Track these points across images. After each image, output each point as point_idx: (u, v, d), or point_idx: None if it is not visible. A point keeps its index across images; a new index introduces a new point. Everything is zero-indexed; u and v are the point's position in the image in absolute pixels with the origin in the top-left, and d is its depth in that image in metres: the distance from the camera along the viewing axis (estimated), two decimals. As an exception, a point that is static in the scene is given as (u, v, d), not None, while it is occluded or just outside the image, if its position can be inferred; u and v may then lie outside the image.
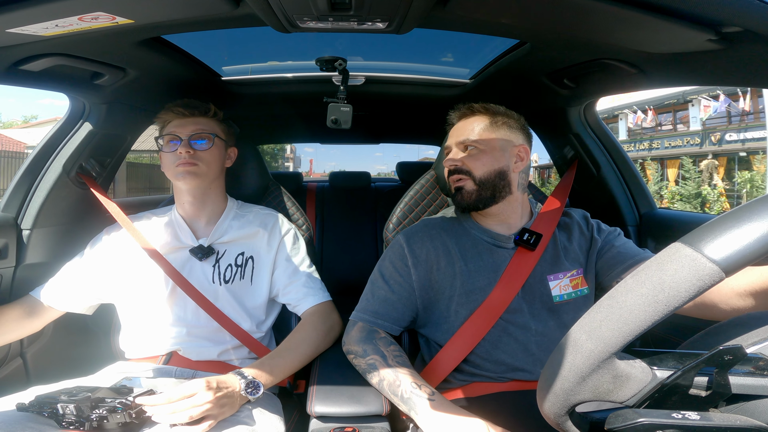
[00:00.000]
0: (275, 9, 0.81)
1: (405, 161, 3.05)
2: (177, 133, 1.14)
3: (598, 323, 0.43)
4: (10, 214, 1.20)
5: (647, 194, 1.59)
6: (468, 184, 1.07)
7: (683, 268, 0.39)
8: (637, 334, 0.41)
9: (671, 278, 0.40)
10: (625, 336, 0.41)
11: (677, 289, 0.39)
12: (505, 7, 0.86)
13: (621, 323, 0.41)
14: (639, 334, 0.41)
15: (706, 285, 0.39)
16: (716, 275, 0.38)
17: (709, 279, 0.38)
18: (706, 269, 0.38)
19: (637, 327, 0.41)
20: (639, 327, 0.41)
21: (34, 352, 1.24)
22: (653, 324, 0.41)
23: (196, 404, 0.81)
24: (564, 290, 1.05)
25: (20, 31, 0.81)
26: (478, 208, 1.08)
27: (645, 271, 0.42)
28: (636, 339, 0.42)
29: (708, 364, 0.43)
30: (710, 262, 0.38)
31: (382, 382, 0.92)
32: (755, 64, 0.87)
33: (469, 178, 1.07)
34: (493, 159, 1.07)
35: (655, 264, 0.41)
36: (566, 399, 0.46)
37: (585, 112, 1.57)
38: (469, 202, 1.07)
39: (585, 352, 0.43)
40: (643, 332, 0.41)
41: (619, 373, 0.44)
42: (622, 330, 0.41)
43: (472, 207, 1.08)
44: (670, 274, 0.40)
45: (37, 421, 0.83)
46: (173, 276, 1.12)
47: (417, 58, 1.71)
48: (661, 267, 0.41)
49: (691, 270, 0.39)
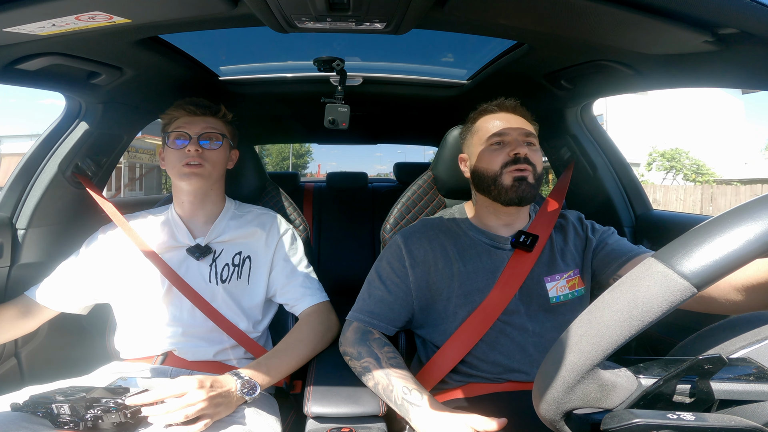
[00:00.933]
0: (273, 9, 0.81)
1: (402, 162, 3.05)
2: (186, 131, 1.13)
3: (578, 337, 0.45)
4: (5, 214, 1.19)
5: (643, 195, 1.59)
6: (530, 176, 1.04)
7: (655, 285, 0.41)
8: (615, 347, 0.42)
9: (644, 294, 0.41)
10: (604, 349, 0.43)
11: (650, 305, 0.41)
12: (502, 9, 0.86)
13: (599, 338, 0.43)
14: (617, 348, 0.42)
15: (677, 301, 0.40)
16: (687, 291, 0.39)
17: (681, 295, 0.40)
18: (677, 285, 0.40)
19: (614, 341, 0.42)
20: (616, 341, 0.42)
21: (28, 352, 1.23)
22: (630, 338, 0.42)
23: (190, 403, 0.80)
24: (561, 291, 1.05)
25: (17, 30, 0.80)
26: (527, 203, 1.05)
27: (620, 288, 0.43)
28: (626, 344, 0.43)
29: (688, 373, 0.44)
30: (681, 278, 0.39)
31: (376, 385, 0.93)
32: (751, 66, 0.88)
33: (532, 171, 1.04)
34: (541, 159, 1.10)
35: (629, 280, 0.43)
36: (558, 406, 0.47)
37: (582, 114, 1.57)
38: (528, 194, 1.03)
39: (569, 365, 0.45)
40: (621, 345, 0.42)
41: (605, 383, 0.45)
42: (601, 344, 0.43)
43: (527, 200, 1.04)
44: (643, 290, 0.41)
45: (32, 421, 0.82)
46: (169, 275, 1.11)
47: (415, 59, 1.71)
48: (634, 284, 0.42)
49: (663, 286, 0.40)
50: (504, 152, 1.05)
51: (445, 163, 1.27)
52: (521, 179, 1.03)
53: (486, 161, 1.07)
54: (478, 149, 1.10)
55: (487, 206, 1.11)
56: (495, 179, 1.05)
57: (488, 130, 1.09)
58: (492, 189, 1.05)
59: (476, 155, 1.10)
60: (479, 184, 1.09)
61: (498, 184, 1.04)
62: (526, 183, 1.03)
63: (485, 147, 1.08)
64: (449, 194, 1.32)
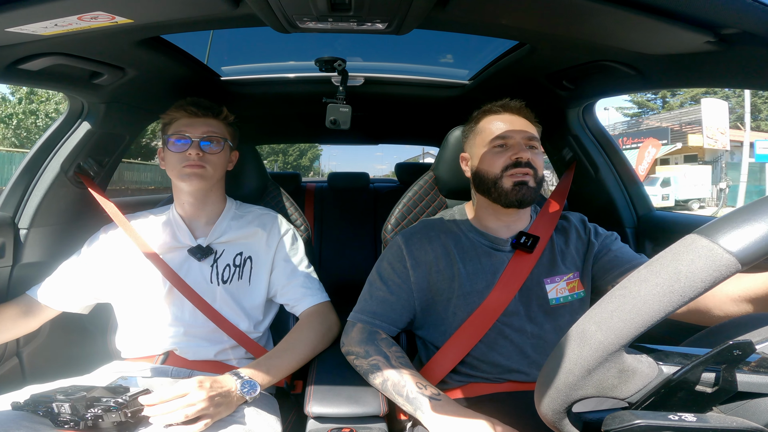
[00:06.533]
0: (275, 9, 0.81)
1: (403, 162, 3.04)
2: (187, 133, 1.12)
3: (609, 314, 0.42)
4: (8, 213, 1.20)
5: (645, 196, 1.59)
6: (531, 180, 1.04)
7: (699, 258, 0.39)
8: (650, 325, 0.40)
9: (687, 268, 0.39)
10: (637, 327, 0.41)
11: (693, 279, 0.39)
12: (504, 9, 0.86)
13: (634, 314, 0.41)
14: (652, 325, 0.41)
15: (722, 275, 0.38)
16: (732, 266, 0.38)
17: (726, 270, 0.38)
18: (723, 260, 0.38)
19: (650, 318, 0.40)
20: (652, 318, 0.40)
21: (30, 351, 1.23)
22: (667, 315, 0.40)
23: (190, 403, 0.81)
24: (560, 293, 1.05)
25: (20, 30, 0.80)
26: (527, 205, 1.06)
27: (660, 261, 0.41)
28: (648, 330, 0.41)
29: (717, 359, 0.43)
30: (727, 253, 0.38)
31: (385, 382, 0.92)
32: (753, 66, 0.87)
33: (533, 174, 1.04)
34: (543, 162, 1.09)
35: (670, 254, 0.41)
36: (568, 394, 0.45)
37: (584, 114, 1.57)
38: (528, 197, 1.04)
39: (594, 344, 0.43)
40: (656, 323, 0.40)
41: (626, 368, 0.43)
42: (635, 321, 0.41)
43: (527, 203, 1.05)
44: (686, 264, 0.39)
45: (32, 420, 0.82)
46: (170, 276, 1.12)
47: (416, 59, 1.72)
48: (676, 257, 0.40)
49: (708, 260, 0.39)
50: (506, 155, 1.04)
51: (446, 163, 1.27)
52: (522, 183, 1.03)
53: (487, 163, 1.07)
54: (480, 150, 1.10)
55: (486, 207, 1.10)
56: (495, 182, 1.05)
57: (491, 131, 1.08)
58: (492, 191, 1.05)
59: (478, 156, 1.10)
60: (480, 185, 1.09)
61: (498, 187, 1.04)
62: (527, 187, 1.03)
63: (487, 148, 1.08)
64: (450, 195, 1.32)
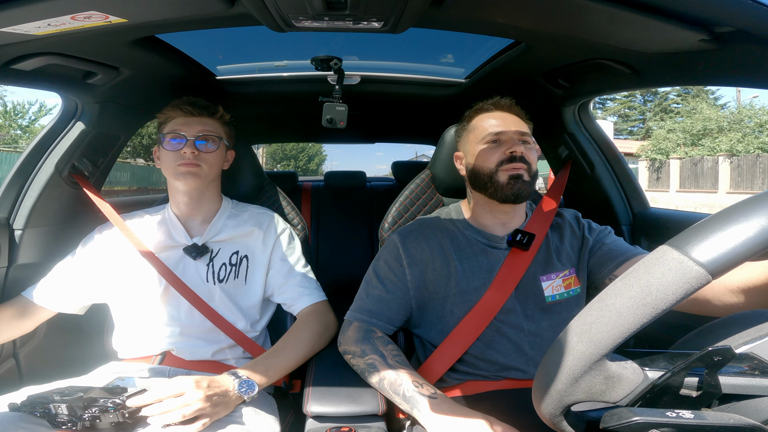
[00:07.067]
0: (270, 8, 0.80)
1: (400, 161, 3.04)
2: (183, 132, 1.12)
3: (588, 326, 0.43)
4: (2, 214, 1.19)
5: (641, 193, 1.60)
6: (525, 174, 1.05)
7: (670, 271, 0.40)
8: (627, 336, 0.41)
9: (658, 281, 0.40)
10: (615, 338, 0.42)
11: (665, 292, 0.40)
12: (500, 7, 0.86)
13: (610, 326, 0.42)
14: (628, 336, 0.42)
15: (693, 288, 0.39)
16: (703, 278, 0.39)
17: (696, 282, 0.39)
18: (692, 272, 0.39)
19: (626, 329, 0.41)
20: (628, 329, 0.41)
21: (26, 352, 1.23)
22: (642, 326, 0.41)
23: (187, 403, 0.81)
24: (556, 290, 1.06)
25: (12, 30, 0.80)
26: (522, 200, 1.07)
27: (633, 274, 0.42)
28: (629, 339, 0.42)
29: (697, 364, 0.43)
30: (697, 265, 0.39)
31: (382, 381, 0.92)
32: (748, 64, 0.88)
33: (527, 169, 1.06)
34: (536, 157, 1.10)
35: (643, 267, 0.42)
36: (560, 400, 0.46)
37: (579, 112, 1.58)
38: (524, 191, 1.05)
39: (576, 354, 0.44)
40: (632, 334, 0.41)
41: (611, 375, 0.44)
42: (612, 332, 0.42)
43: (523, 198, 1.06)
44: (658, 277, 0.40)
45: (29, 421, 0.82)
46: (166, 275, 1.11)
47: (412, 58, 1.71)
48: (648, 270, 0.41)
49: (678, 273, 0.39)
50: (500, 150, 1.06)
51: (443, 161, 1.27)
52: (517, 177, 1.04)
53: (482, 159, 1.08)
54: (474, 147, 1.10)
55: (483, 204, 1.11)
56: (491, 177, 1.06)
57: (484, 128, 1.10)
58: (488, 186, 1.06)
59: (472, 153, 1.10)
60: (475, 182, 1.10)
61: (494, 182, 1.05)
62: (522, 181, 1.04)
63: (481, 145, 1.09)
64: (447, 193, 1.32)
